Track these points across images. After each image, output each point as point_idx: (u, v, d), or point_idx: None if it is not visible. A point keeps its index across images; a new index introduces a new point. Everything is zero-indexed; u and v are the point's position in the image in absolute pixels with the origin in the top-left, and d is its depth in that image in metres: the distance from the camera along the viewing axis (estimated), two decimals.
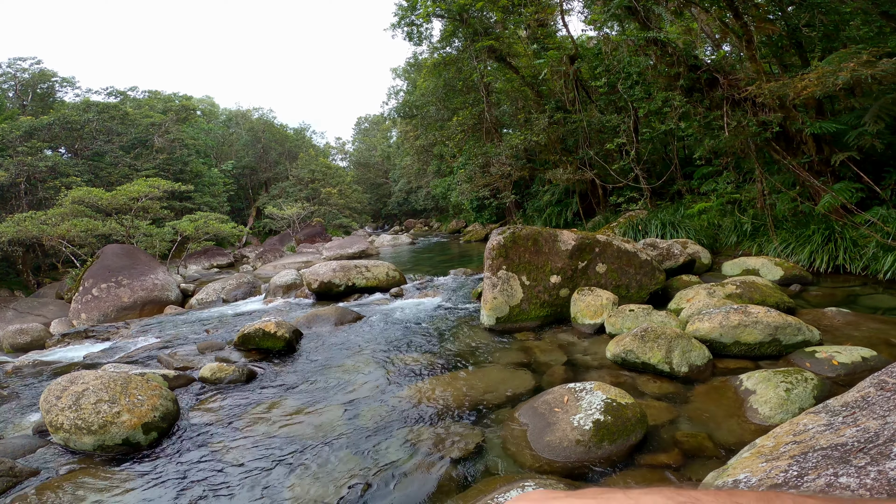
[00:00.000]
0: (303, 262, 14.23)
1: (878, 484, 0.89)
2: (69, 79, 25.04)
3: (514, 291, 4.91)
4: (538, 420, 2.66)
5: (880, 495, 0.85)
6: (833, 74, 5.12)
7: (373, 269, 7.94)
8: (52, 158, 19.16)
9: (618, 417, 2.49)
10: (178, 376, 3.90)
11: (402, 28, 16.27)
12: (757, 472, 1.30)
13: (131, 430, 2.86)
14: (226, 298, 8.93)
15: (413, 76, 26.52)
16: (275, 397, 3.53)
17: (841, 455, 1.09)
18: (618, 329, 4.18)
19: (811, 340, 3.44)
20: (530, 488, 1.94)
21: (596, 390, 2.69)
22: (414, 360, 4.12)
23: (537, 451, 2.48)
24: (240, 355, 4.58)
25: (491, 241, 5.18)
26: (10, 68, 23.16)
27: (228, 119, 38.44)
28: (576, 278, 5.06)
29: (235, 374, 3.88)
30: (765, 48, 8.15)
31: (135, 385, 3.14)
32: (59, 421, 2.87)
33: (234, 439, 2.91)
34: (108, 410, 2.89)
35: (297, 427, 3.02)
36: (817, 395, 2.62)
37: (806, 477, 1.09)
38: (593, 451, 2.37)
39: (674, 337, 3.39)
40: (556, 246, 5.10)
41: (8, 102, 23.23)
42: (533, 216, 15.97)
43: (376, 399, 3.35)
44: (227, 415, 3.27)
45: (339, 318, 5.70)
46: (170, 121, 25.16)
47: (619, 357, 3.52)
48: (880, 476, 0.91)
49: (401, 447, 2.67)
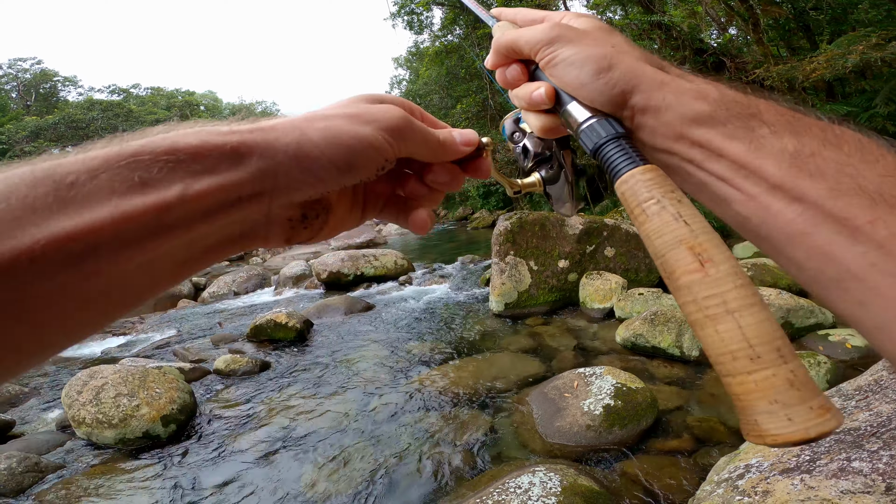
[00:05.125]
0: (311, 253, 14.29)
1: (890, 468, 0.89)
2: (71, 78, 25.18)
3: (522, 277, 4.91)
4: (548, 405, 2.68)
5: (893, 480, 0.86)
6: (842, 57, 5.05)
7: (381, 257, 7.97)
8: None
9: (628, 402, 2.50)
10: (194, 369, 3.97)
11: (403, 17, 16.09)
12: (769, 456, 1.31)
13: (151, 424, 2.92)
14: (237, 291, 9.03)
15: (415, 65, 26.26)
16: (288, 387, 3.58)
17: (854, 439, 1.09)
18: (627, 313, 4.17)
19: (824, 323, 3.41)
20: (541, 473, 1.96)
21: (606, 375, 2.70)
22: (423, 348, 4.15)
23: (547, 436, 2.50)
24: (252, 347, 4.65)
25: (498, 227, 5.17)
26: (10, 69, 23.31)
27: (232, 113, 38.16)
28: (584, 262, 5.05)
29: (249, 366, 3.95)
30: (772, 31, 7.98)
31: (152, 379, 3.20)
32: (80, 416, 2.94)
33: (249, 430, 2.97)
34: (128, 404, 2.96)
35: (310, 416, 3.07)
36: (830, 379, 2.60)
37: (818, 461, 1.09)
38: (604, 436, 2.39)
39: (684, 320, 3.37)
40: (564, 230, 5.07)
41: (12, 103, 23.40)
42: (540, 202, 15.86)
43: (387, 387, 3.39)
44: (242, 406, 3.34)
45: (349, 308, 5.75)
46: (174, 117, 25.26)
47: (628, 341, 3.53)
48: (892, 460, 0.91)
49: (413, 434, 2.71)
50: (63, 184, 0.21)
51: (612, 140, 0.32)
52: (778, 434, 0.24)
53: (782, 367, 0.24)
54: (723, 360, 0.25)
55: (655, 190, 0.29)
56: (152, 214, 0.22)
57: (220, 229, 0.26)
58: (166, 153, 0.24)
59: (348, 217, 0.35)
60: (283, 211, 0.29)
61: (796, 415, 0.24)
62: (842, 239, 0.25)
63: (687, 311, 0.27)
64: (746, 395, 0.25)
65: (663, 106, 0.31)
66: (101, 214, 0.21)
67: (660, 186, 0.29)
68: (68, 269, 0.20)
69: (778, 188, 0.27)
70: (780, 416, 0.24)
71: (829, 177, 0.26)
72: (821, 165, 0.26)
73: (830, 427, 0.23)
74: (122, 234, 0.21)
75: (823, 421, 0.23)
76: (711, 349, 0.26)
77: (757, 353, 0.24)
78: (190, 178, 0.24)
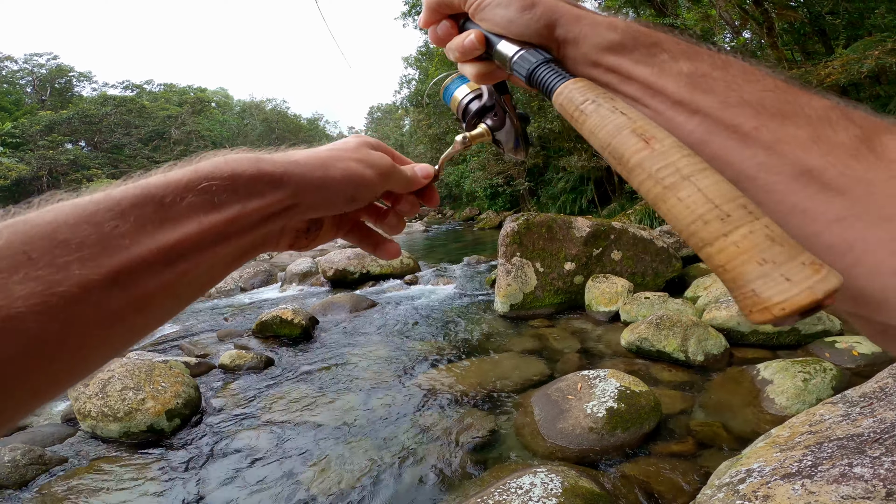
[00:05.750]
0: (318, 250, 14.36)
1: (891, 474, 0.88)
2: (86, 73, 25.48)
3: (527, 278, 4.91)
4: (551, 407, 2.67)
5: (894, 486, 0.85)
6: (858, 62, 4.99)
7: None
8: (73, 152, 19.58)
9: (631, 405, 2.49)
10: (199, 363, 4.01)
11: (413, 16, 16.12)
12: (771, 461, 1.30)
13: (155, 417, 2.95)
14: (243, 286, 9.09)
15: (424, 65, 26.30)
16: (292, 384, 3.61)
17: (857, 445, 1.09)
18: (633, 317, 4.16)
19: (831, 330, 3.38)
20: (542, 474, 1.96)
21: (610, 378, 2.69)
22: (428, 347, 4.16)
23: (550, 438, 2.50)
24: (258, 342, 4.68)
25: (505, 228, 5.16)
26: (27, 64, 23.61)
27: (243, 110, 38.71)
28: (590, 265, 5.03)
29: (254, 362, 3.97)
30: (787, 35, 7.91)
31: (158, 372, 3.23)
32: (86, 408, 2.97)
33: (253, 425, 2.99)
34: (134, 398, 2.99)
35: (314, 413, 3.08)
36: (836, 386, 2.58)
37: (820, 467, 1.09)
38: (606, 438, 2.38)
39: (690, 325, 3.36)
40: (571, 233, 5.06)
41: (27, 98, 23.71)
42: (547, 203, 15.84)
43: (391, 385, 3.40)
44: (246, 401, 3.36)
45: (354, 306, 5.77)
46: (186, 113, 25.50)
47: (633, 345, 3.51)
48: (894, 466, 0.90)
49: (415, 433, 2.72)
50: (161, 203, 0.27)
51: (543, 63, 0.35)
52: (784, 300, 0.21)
53: (756, 223, 0.23)
54: (694, 228, 0.25)
55: (589, 93, 0.32)
56: (222, 227, 0.29)
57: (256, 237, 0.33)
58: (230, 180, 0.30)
59: (329, 235, 0.45)
60: (296, 224, 0.39)
61: (793, 273, 0.21)
62: (733, 144, 0.29)
63: (646, 189, 0.27)
64: (731, 263, 0.23)
65: (580, 37, 0.35)
66: (191, 229, 0.28)
67: (592, 90, 0.32)
68: (168, 269, 0.26)
69: (678, 104, 0.31)
70: (775, 277, 0.22)
71: (718, 92, 0.30)
72: (711, 84, 0.30)
73: (834, 284, 0.21)
74: (201, 243, 0.28)
75: (823, 277, 0.21)
76: (681, 221, 0.25)
77: (726, 212, 0.24)
78: (246, 200, 0.31)
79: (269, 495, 2.30)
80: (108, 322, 0.24)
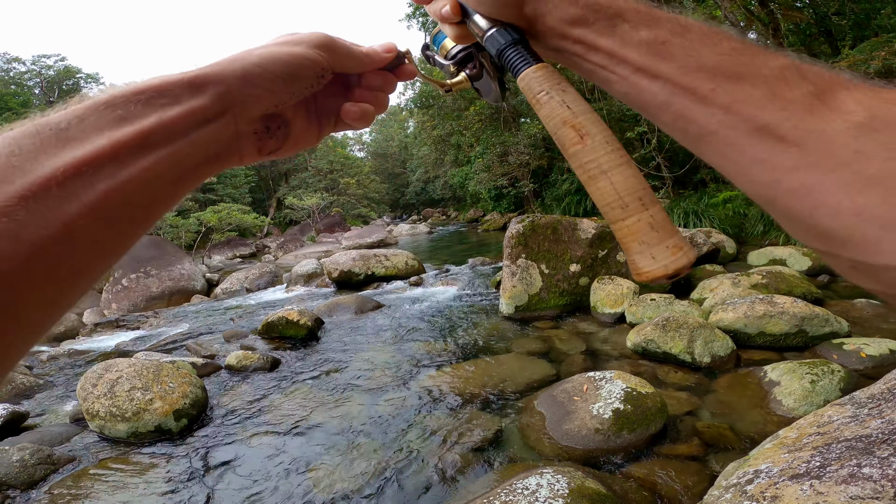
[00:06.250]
0: (323, 252, 14.40)
1: None
2: (93, 75, 25.67)
3: (532, 280, 4.91)
4: (557, 408, 2.67)
5: None
6: (864, 63, 4.97)
7: (392, 257, 8.00)
8: None
9: (637, 406, 2.48)
10: (206, 364, 4.03)
11: (417, 18, 16.16)
12: (779, 462, 1.30)
13: (163, 418, 2.97)
14: (249, 288, 9.14)
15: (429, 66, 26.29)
16: (298, 385, 3.62)
17: (865, 446, 1.09)
18: (638, 318, 4.15)
19: (839, 332, 3.36)
20: (549, 475, 1.96)
21: (616, 379, 2.69)
22: (433, 349, 4.16)
23: (556, 439, 2.50)
24: (264, 343, 4.70)
25: (510, 230, 5.17)
26: (34, 65, 23.80)
27: None
28: (596, 267, 5.03)
29: (260, 362, 3.99)
30: (793, 36, 7.87)
31: (166, 373, 3.25)
32: (95, 409, 3.00)
33: (259, 426, 3.01)
34: (142, 398, 3.01)
35: (319, 414, 3.10)
36: (844, 388, 2.57)
37: (829, 467, 1.09)
38: (612, 439, 2.38)
39: (696, 327, 3.35)
40: (576, 234, 5.06)
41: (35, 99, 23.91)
42: (552, 205, 15.82)
43: (396, 387, 3.41)
44: (252, 402, 3.38)
45: (360, 307, 5.78)
46: None
47: (639, 346, 3.50)
48: None
49: (421, 434, 2.72)
50: (59, 128, 0.26)
51: (511, 46, 0.38)
52: (647, 271, 0.30)
53: (644, 213, 0.30)
54: (606, 210, 0.32)
55: (545, 83, 0.36)
56: (140, 138, 0.27)
57: (198, 149, 0.31)
58: (136, 94, 0.29)
59: (307, 131, 0.43)
60: (247, 126, 0.36)
61: (657, 253, 0.30)
62: (693, 104, 0.31)
63: (578, 175, 0.33)
64: (625, 239, 0.31)
65: (546, 12, 0.37)
66: (100, 143, 0.26)
67: (548, 80, 0.36)
68: (87, 190, 0.24)
69: (641, 70, 0.33)
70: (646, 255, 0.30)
71: (677, 58, 0.32)
72: (671, 50, 0.32)
73: (682, 264, 0.29)
74: (119, 156, 0.26)
75: (676, 259, 0.29)
76: (598, 203, 0.32)
77: (625, 203, 0.31)
78: (161, 109, 0.29)
79: (276, 496, 2.31)
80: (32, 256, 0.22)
